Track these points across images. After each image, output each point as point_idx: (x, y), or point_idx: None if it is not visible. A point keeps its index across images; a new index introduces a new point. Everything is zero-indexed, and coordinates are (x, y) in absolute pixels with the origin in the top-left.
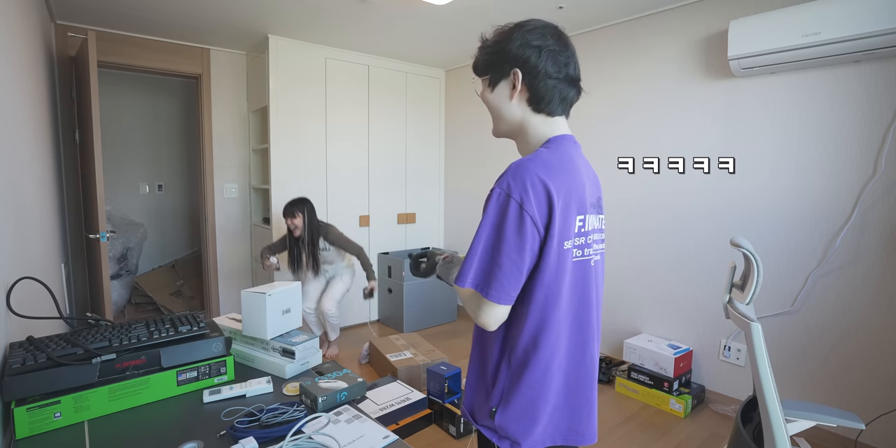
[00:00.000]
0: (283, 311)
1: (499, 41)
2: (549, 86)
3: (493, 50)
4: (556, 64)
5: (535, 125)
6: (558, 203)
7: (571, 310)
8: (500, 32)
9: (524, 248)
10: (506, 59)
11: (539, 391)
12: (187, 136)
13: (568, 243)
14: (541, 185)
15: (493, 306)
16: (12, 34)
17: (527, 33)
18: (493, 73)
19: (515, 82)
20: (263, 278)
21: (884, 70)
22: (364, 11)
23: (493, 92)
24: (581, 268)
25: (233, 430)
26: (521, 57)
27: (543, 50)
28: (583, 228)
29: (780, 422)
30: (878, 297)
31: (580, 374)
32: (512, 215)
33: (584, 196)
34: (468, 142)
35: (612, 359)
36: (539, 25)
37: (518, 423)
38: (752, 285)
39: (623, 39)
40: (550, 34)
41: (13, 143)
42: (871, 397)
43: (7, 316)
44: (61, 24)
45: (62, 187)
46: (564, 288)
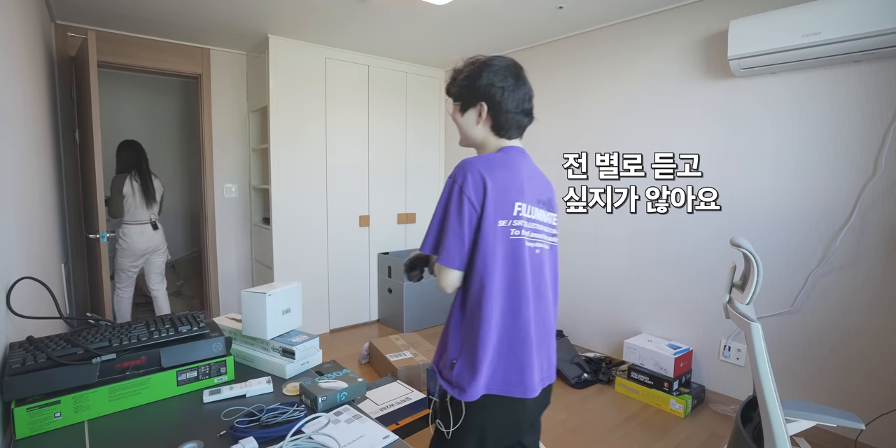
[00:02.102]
0: (283, 311)
1: (469, 77)
2: (509, 118)
3: (464, 84)
4: (515, 100)
5: (493, 143)
6: (492, 188)
7: (506, 278)
8: (471, 68)
9: (463, 221)
10: (474, 94)
11: (481, 346)
12: (187, 136)
13: (503, 222)
14: (478, 175)
15: (445, 270)
16: (12, 34)
17: (493, 74)
18: (463, 101)
19: (482, 112)
20: (263, 278)
21: (884, 70)
22: (364, 11)
23: (462, 116)
24: (517, 245)
25: (233, 430)
26: (488, 94)
27: (506, 90)
28: (521, 213)
29: (780, 422)
30: (878, 297)
31: (513, 335)
32: (455, 197)
33: (524, 189)
34: None
35: (612, 359)
36: (503, 66)
37: (466, 373)
38: (752, 285)
39: (623, 39)
40: (511, 75)
41: (13, 143)
42: (872, 397)
43: (7, 316)
44: (61, 24)
45: (62, 187)
46: (498, 258)
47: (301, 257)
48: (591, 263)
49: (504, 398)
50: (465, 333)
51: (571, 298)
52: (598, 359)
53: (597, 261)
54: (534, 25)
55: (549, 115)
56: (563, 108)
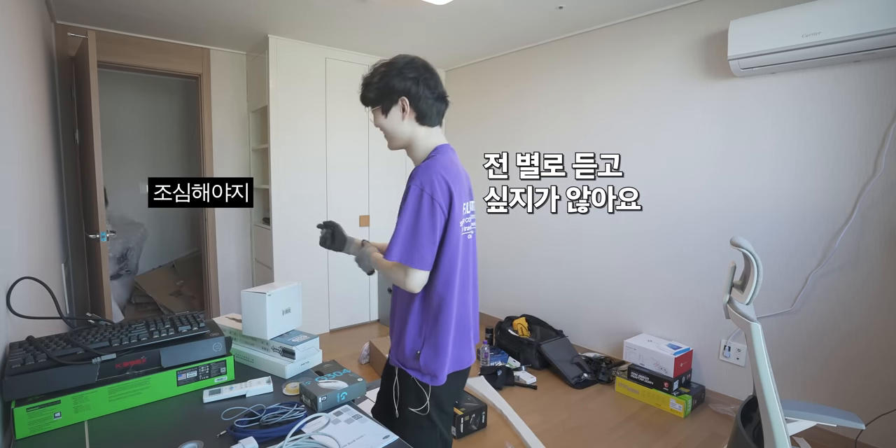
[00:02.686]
0: (283, 311)
1: (382, 78)
2: (430, 104)
3: (380, 85)
4: (429, 87)
5: (421, 137)
6: (455, 194)
7: (461, 271)
8: (381, 71)
9: (436, 226)
10: (393, 90)
11: (445, 333)
12: (187, 136)
13: (461, 223)
14: (444, 182)
15: (416, 272)
16: (12, 34)
17: (403, 69)
18: (384, 102)
19: (405, 106)
20: (263, 278)
21: (884, 70)
22: (364, 11)
23: (386, 117)
24: (465, 241)
25: (233, 430)
26: (405, 87)
27: (419, 79)
28: (465, 211)
29: (780, 422)
30: (878, 297)
31: (461, 318)
32: (426, 204)
33: (465, 187)
34: (467, 141)
35: (612, 359)
36: (409, 60)
37: (434, 360)
38: (752, 285)
39: (623, 39)
40: (420, 66)
41: (13, 143)
42: (871, 397)
43: (7, 316)
44: (61, 24)
45: (62, 187)
46: (459, 255)
47: (301, 257)
48: (592, 263)
49: (456, 372)
50: (429, 326)
51: (571, 298)
52: (598, 359)
53: (597, 260)
54: (534, 25)
55: (550, 115)
56: (564, 108)
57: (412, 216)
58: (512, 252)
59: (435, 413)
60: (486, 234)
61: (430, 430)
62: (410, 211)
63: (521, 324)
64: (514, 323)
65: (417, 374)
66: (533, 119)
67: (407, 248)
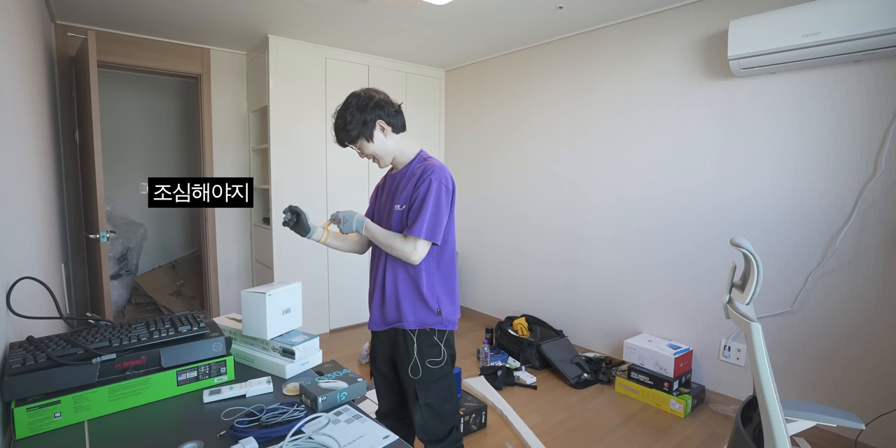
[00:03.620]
0: (283, 311)
1: (355, 113)
2: (398, 117)
3: (358, 120)
4: (389, 105)
5: (403, 143)
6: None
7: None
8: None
9: (452, 211)
10: (369, 118)
11: (454, 285)
12: (187, 136)
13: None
14: (451, 177)
15: (427, 246)
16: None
17: (364, 99)
18: (366, 132)
19: (383, 127)
20: (263, 278)
21: (884, 70)
22: (364, 11)
23: (373, 142)
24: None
25: (233, 430)
26: (376, 112)
27: (381, 100)
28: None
29: (780, 422)
30: (879, 297)
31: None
32: (444, 194)
33: None
34: (468, 141)
35: (612, 359)
36: (363, 93)
37: (453, 309)
38: (752, 285)
39: (623, 39)
40: (370, 94)
41: (13, 144)
42: (872, 397)
43: (7, 316)
44: (61, 24)
45: (62, 187)
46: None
47: (301, 257)
48: (592, 263)
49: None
50: (446, 284)
51: (571, 298)
52: (598, 359)
53: (597, 260)
54: (534, 25)
55: (550, 115)
56: (564, 108)
57: (435, 204)
58: (512, 252)
59: (449, 355)
60: (485, 234)
61: (448, 368)
62: (434, 200)
63: (521, 324)
64: (514, 323)
65: (440, 326)
66: (533, 119)
67: (432, 227)
